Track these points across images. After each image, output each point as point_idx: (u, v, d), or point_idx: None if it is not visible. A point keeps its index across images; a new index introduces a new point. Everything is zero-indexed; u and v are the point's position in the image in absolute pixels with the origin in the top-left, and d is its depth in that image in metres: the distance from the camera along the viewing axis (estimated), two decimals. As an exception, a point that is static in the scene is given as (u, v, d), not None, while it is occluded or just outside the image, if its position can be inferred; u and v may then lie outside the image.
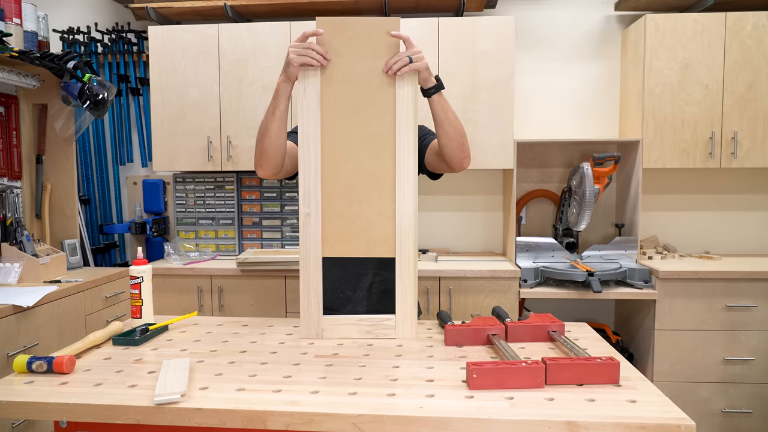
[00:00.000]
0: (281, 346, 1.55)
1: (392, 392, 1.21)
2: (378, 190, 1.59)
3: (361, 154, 1.59)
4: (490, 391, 1.21)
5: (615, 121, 3.40)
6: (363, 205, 1.59)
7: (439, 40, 3.00)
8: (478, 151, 3.03)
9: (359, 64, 1.57)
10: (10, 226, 2.66)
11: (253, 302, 2.93)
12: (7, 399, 1.19)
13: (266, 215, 3.29)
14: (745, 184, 3.37)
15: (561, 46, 3.39)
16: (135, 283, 1.68)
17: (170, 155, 3.15)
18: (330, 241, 1.60)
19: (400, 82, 1.58)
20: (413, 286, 1.60)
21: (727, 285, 2.77)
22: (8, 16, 2.56)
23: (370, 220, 1.59)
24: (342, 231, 1.60)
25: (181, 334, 1.66)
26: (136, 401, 1.16)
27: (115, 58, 3.46)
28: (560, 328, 1.57)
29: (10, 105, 2.80)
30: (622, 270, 2.84)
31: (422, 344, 1.56)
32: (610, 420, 1.07)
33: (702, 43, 2.96)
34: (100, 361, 1.43)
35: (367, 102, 1.58)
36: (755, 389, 2.79)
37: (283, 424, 1.12)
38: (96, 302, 2.65)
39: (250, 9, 3.19)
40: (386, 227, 1.59)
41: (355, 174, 1.59)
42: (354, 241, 1.60)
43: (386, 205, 1.58)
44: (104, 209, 3.58)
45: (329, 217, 1.60)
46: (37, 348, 2.25)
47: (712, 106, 2.98)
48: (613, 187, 3.32)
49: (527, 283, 2.85)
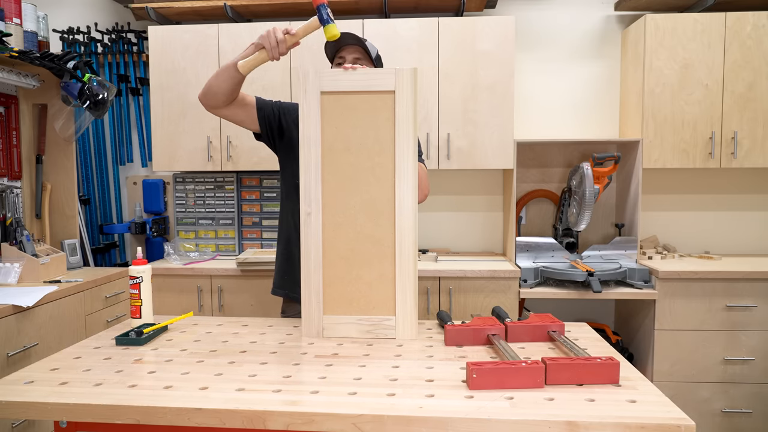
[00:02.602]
0: (281, 346, 1.55)
1: (392, 392, 1.21)
2: (378, 253, 1.61)
3: (361, 219, 1.61)
4: (490, 391, 1.21)
5: (615, 121, 3.40)
6: (363, 268, 1.62)
7: (439, 40, 3.01)
8: (478, 151, 3.04)
9: (358, 132, 1.60)
10: (10, 226, 2.66)
11: (253, 302, 2.93)
12: (7, 399, 1.19)
13: (266, 215, 3.28)
14: (745, 184, 3.37)
15: (561, 46, 3.39)
16: (134, 283, 1.68)
17: (170, 155, 3.15)
18: (331, 304, 1.64)
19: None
20: (413, 286, 1.61)
21: (727, 285, 2.77)
22: (8, 16, 2.56)
23: (370, 283, 1.62)
24: (343, 294, 1.63)
25: (181, 334, 1.66)
26: (136, 401, 1.16)
27: (115, 58, 3.46)
28: (560, 328, 1.57)
29: (10, 105, 2.80)
30: (622, 270, 2.84)
31: (422, 344, 1.56)
32: (610, 420, 1.07)
33: (702, 43, 2.96)
34: (100, 361, 1.43)
35: (366, 168, 1.61)
36: (755, 389, 2.79)
37: (283, 424, 1.12)
38: (96, 302, 2.65)
39: (250, 9, 3.20)
40: (386, 290, 1.62)
41: (355, 239, 1.62)
42: (354, 303, 1.63)
43: (386, 269, 1.61)
44: (104, 209, 3.58)
45: (330, 281, 1.63)
46: (37, 348, 2.25)
47: (712, 106, 2.98)
48: (613, 187, 3.32)
49: (527, 283, 2.85)
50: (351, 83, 1.59)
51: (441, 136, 3.04)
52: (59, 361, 1.42)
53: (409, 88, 1.57)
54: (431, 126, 3.04)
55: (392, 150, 1.59)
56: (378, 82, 1.59)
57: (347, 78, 1.60)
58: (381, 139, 1.60)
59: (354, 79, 1.59)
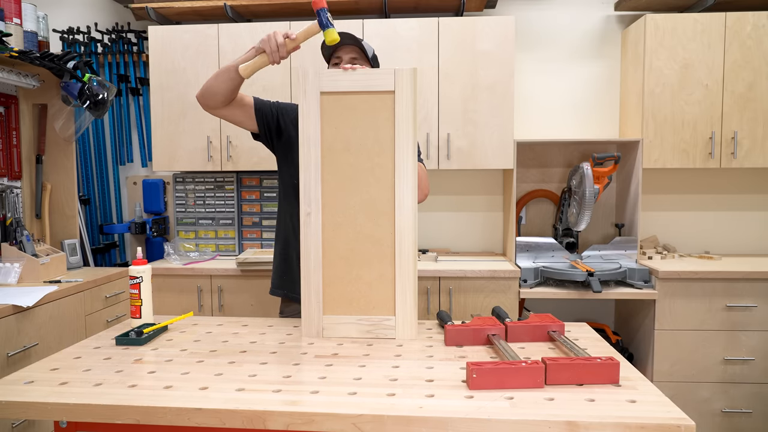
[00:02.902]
0: (281, 346, 1.55)
1: (392, 392, 1.21)
2: (377, 253, 1.61)
3: (361, 219, 1.61)
4: (490, 391, 1.21)
5: (615, 121, 3.40)
6: (363, 268, 1.62)
7: (439, 40, 3.01)
8: (478, 151, 3.03)
9: (357, 132, 1.60)
10: (10, 226, 2.66)
11: (253, 302, 2.93)
12: (7, 399, 1.19)
13: (266, 215, 3.28)
14: (745, 184, 3.37)
15: (561, 46, 3.39)
16: (134, 283, 1.68)
17: (170, 155, 3.15)
18: (331, 304, 1.64)
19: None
20: (413, 286, 1.61)
21: (727, 285, 2.77)
22: (8, 16, 2.56)
23: (369, 283, 1.62)
24: (342, 294, 1.63)
25: (181, 334, 1.66)
26: (136, 401, 1.16)
27: (115, 58, 3.46)
28: (560, 328, 1.57)
29: (10, 105, 2.80)
30: (622, 270, 2.84)
31: (422, 344, 1.56)
32: (610, 420, 1.07)
33: (702, 43, 2.96)
34: (100, 361, 1.43)
35: (366, 168, 1.61)
36: (755, 389, 2.79)
37: (283, 424, 1.12)
38: (96, 302, 2.65)
39: (250, 9, 3.20)
40: (386, 290, 1.62)
41: (355, 239, 1.62)
42: (354, 303, 1.63)
43: (386, 269, 1.61)
44: (104, 209, 3.58)
45: (330, 280, 1.63)
46: (37, 348, 2.25)
47: (712, 106, 2.98)
48: (613, 187, 3.32)
49: (527, 283, 2.85)
50: (351, 83, 1.60)
51: (441, 136, 3.04)
52: (59, 361, 1.42)
53: (408, 88, 1.57)
54: (431, 126, 3.04)
55: (392, 150, 1.59)
56: (378, 83, 1.59)
57: (347, 78, 1.60)
58: (381, 140, 1.60)
59: (354, 80, 1.60)
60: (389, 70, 1.58)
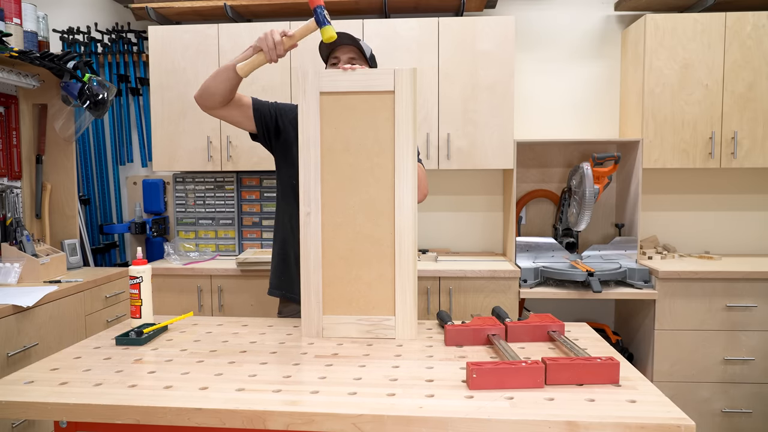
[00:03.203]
0: (281, 346, 1.55)
1: (392, 392, 1.21)
2: (377, 253, 1.61)
3: (361, 219, 1.61)
4: (490, 391, 1.21)
5: (615, 121, 3.40)
6: (363, 268, 1.62)
7: (439, 40, 3.01)
8: (478, 151, 3.03)
9: (357, 132, 1.60)
10: (10, 226, 2.66)
11: (253, 302, 2.93)
12: (7, 399, 1.19)
13: (266, 215, 3.29)
14: (745, 184, 3.37)
15: (561, 46, 3.39)
16: (134, 283, 1.68)
17: (170, 155, 3.15)
18: (331, 304, 1.64)
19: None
20: (413, 286, 1.61)
21: (727, 285, 2.77)
22: (8, 16, 2.56)
23: (369, 283, 1.62)
24: (342, 294, 1.63)
25: (181, 334, 1.66)
26: (136, 401, 1.16)
27: (115, 58, 3.47)
28: (560, 328, 1.57)
29: (10, 105, 2.80)
30: (622, 270, 2.84)
31: (422, 344, 1.56)
32: (610, 420, 1.07)
33: (702, 43, 2.96)
34: (100, 361, 1.43)
35: (366, 168, 1.60)
36: (755, 389, 2.79)
37: (283, 424, 1.12)
38: (96, 302, 2.65)
39: (250, 9, 3.20)
40: (386, 290, 1.62)
41: (355, 239, 1.62)
42: (354, 303, 1.63)
43: (385, 269, 1.61)
44: (104, 209, 3.58)
45: (330, 281, 1.63)
46: (37, 348, 2.25)
47: (712, 106, 2.98)
48: (613, 187, 3.33)
49: (527, 283, 2.85)
50: (350, 84, 1.59)
51: (441, 136, 3.04)
52: (59, 361, 1.42)
53: (408, 89, 1.57)
54: (431, 126, 3.04)
55: (391, 150, 1.59)
56: (377, 83, 1.59)
57: (346, 78, 1.60)
58: (380, 140, 1.60)
59: (353, 80, 1.60)
60: (389, 70, 1.58)
